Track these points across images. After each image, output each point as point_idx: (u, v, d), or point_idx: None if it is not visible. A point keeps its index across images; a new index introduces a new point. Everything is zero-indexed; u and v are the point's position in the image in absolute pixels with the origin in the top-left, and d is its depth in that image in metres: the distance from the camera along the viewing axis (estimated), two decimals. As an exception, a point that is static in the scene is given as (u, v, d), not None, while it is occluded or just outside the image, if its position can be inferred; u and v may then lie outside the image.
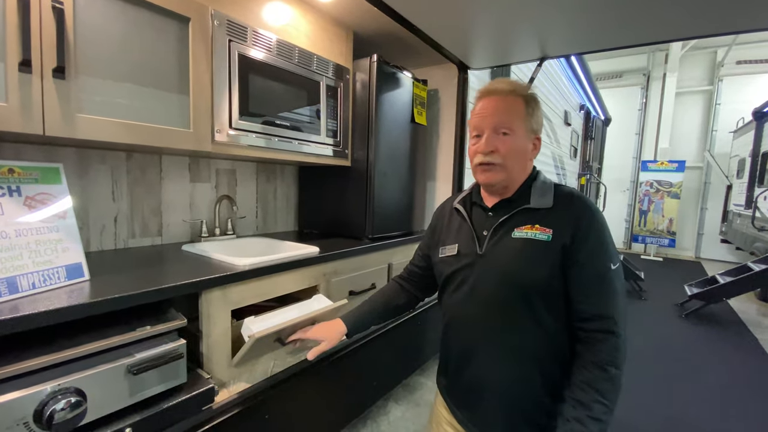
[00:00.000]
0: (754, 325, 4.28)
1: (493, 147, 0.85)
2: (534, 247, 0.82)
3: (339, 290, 1.68)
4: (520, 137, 0.85)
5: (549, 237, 0.81)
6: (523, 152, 0.87)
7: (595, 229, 0.81)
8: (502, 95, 0.87)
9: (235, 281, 1.23)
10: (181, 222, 1.73)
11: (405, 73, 2.11)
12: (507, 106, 0.86)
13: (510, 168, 0.86)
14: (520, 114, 0.85)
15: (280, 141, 1.59)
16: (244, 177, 2.00)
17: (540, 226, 0.83)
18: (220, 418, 1.10)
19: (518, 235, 0.84)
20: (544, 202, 0.85)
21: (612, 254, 0.81)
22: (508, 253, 0.84)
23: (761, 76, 8.00)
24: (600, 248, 0.80)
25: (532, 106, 0.87)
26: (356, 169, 1.98)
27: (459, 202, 1.00)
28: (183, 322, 1.05)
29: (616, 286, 0.80)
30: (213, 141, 1.36)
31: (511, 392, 0.86)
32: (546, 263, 0.80)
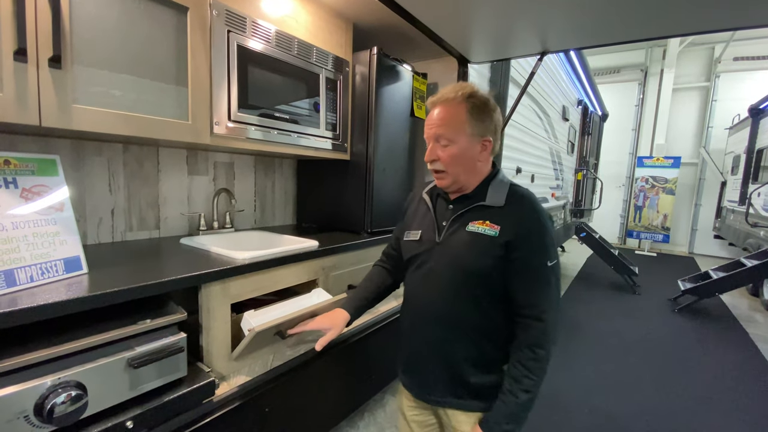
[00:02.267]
0: (745, 320, 4.34)
1: (435, 156, 0.95)
2: (482, 240, 0.92)
3: (338, 284, 1.68)
4: (462, 144, 0.92)
5: (496, 233, 0.91)
6: (468, 157, 0.94)
7: (536, 230, 0.91)
8: (445, 104, 0.93)
9: (235, 275, 1.23)
10: (178, 215, 1.71)
11: (405, 66, 2.09)
12: (448, 115, 0.92)
13: (454, 173, 0.95)
14: (461, 122, 0.91)
15: (279, 134, 1.58)
16: (242, 170, 1.98)
17: (490, 223, 0.92)
18: (221, 411, 1.10)
19: (471, 229, 0.94)
20: (497, 201, 0.94)
21: (550, 253, 0.91)
22: (460, 243, 0.95)
23: (758, 73, 8.03)
24: (539, 246, 0.90)
25: (478, 111, 0.92)
26: (355, 162, 1.97)
27: (427, 192, 1.09)
28: (183, 316, 1.05)
29: (549, 279, 0.90)
30: (212, 133, 1.35)
31: (446, 360, 0.98)
32: (490, 255, 0.90)
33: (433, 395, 1.02)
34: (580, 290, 5.07)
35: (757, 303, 5.04)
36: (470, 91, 0.93)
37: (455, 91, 0.93)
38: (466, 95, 0.92)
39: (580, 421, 2.24)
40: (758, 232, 5.36)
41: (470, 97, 0.92)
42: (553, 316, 0.89)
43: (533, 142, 3.88)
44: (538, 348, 0.89)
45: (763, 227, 5.26)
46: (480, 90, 0.95)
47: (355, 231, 2.01)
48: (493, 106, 0.94)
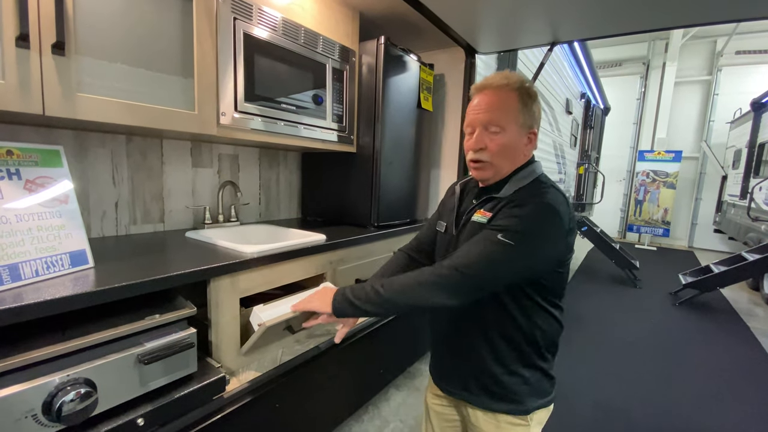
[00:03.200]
0: (745, 314, 4.36)
1: (483, 144, 0.87)
2: (475, 228, 0.88)
3: (345, 278, 1.66)
4: (511, 133, 0.86)
5: (486, 219, 0.87)
6: (515, 148, 0.88)
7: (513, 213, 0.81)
8: (495, 90, 0.87)
9: (244, 269, 1.21)
10: (183, 208, 1.68)
11: (412, 56, 2.05)
12: (499, 102, 0.86)
13: (499, 165, 0.88)
14: (513, 110, 0.85)
15: (285, 125, 1.54)
16: (246, 163, 1.95)
17: (484, 211, 0.88)
18: (232, 407, 1.08)
19: (473, 219, 0.91)
20: (506, 193, 0.88)
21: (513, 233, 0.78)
22: (465, 234, 0.92)
23: (760, 67, 7.98)
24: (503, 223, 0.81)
25: (527, 100, 0.86)
26: (361, 155, 1.94)
27: (460, 185, 1.05)
28: (193, 311, 1.03)
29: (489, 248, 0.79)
30: (218, 124, 1.31)
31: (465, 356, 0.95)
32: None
33: (454, 389, 1.00)
34: (581, 284, 5.08)
35: (757, 297, 5.06)
36: (521, 78, 0.88)
37: (506, 77, 0.87)
38: (518, 83, 0.86)
39: (582, 414, 2.25)
40: (759, 226, 5.36)
41: (521, 86, 0.86)
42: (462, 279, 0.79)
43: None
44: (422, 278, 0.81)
45: (764, 221, 5.26)
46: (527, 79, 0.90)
47: (361, 225, 1.99)
48: (538, 98, 0.89)
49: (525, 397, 0.91)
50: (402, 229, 2.08)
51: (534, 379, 0.91)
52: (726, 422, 2.26)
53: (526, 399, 0.91)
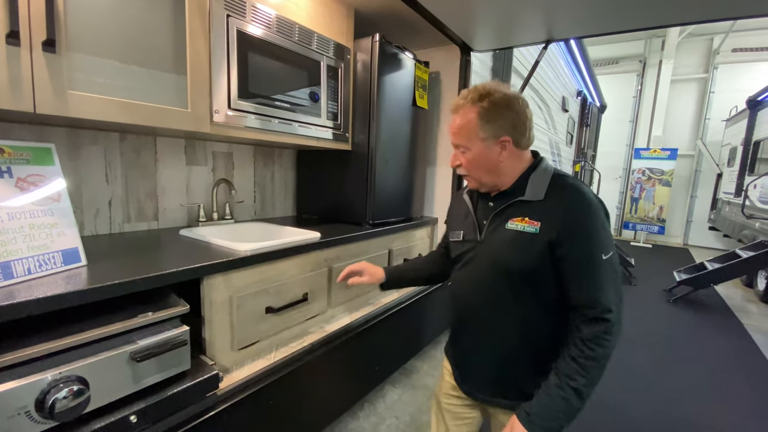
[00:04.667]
0: (739, 311, 4.39)
1: (458, 162, 0.96)
2: (522, 238, 0.88)
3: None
4: (477, 150, 0.92)
5: (537, 230, 0.87)
6: (487, 160, 0.92)
7: (581, 221, 0.84)
8: (458, 111, 0.93)
9: (237, 267, 1.21)
10: (177, 206, 1.68)
11: (407, 54, 2.05)
12: (461, 123, 0.92)
13: (478, 176, 0.95)
14: (473, 128, 0.90)
15: (279, 123, 1.54)
16: (241, 160, 1.94)
17: (529, 219, 0.89)
18: (225, 404, 1.09)
19: (510, 227, 0.91)
20: (537, 195, 0.90)
21: (603, 244, 0.84)
22: (501, 242, 0.92)
23: (756, 65, 8.01)
24: (587, 239, 0.83)
25: (489, 114, 0.89)
26: (357, 153, 1.94)
27: (467, 192, 1.08)
28: (185, 308, 1.03)
29: (606, 274, 0.83)
30: (212, 122, 1.31)
31: (494, 359, 0.97)
32: (532, 254, 0.86)
33: (480, 393, 1.02)
34: (577, 281, 5.09)
35: (751, 294, 5.10)
36: (480, 93, 0.90)
37: (466, 95, 0.92)
38: (475, 99, 0.90)
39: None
40: (753, 223, 5.40)
41: (480, 100, 0.89)
42: (616, 315, 0.82)
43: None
44: (597, 345, 0.81)
45: (758, 219, 5.30)
46: (498, 88, 0.91)
47: (356, 223, 1.99)
48: (509, 103, 0.90)
49: None
50: (398, 226, 2.08)
51: None
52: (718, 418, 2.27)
53: None
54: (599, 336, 0.81)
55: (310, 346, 1.42)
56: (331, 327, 1.58)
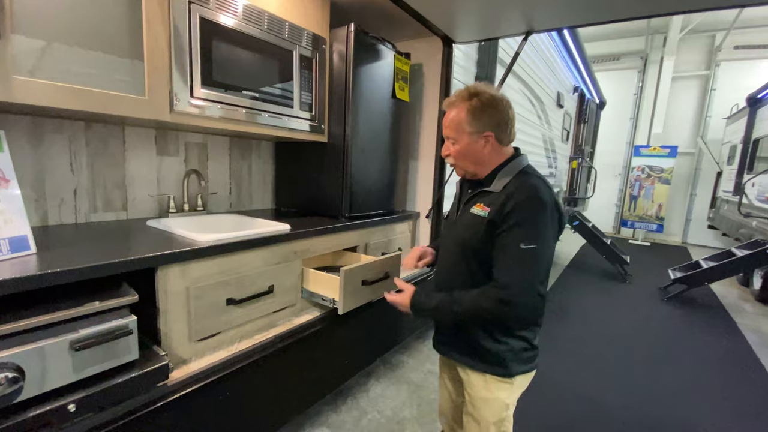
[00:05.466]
0: (733, 310, 4.35)
1: (447, 152, 1.11)
2: (474, 221, 1.05)
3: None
4: (464, 142, 1.06)
5: (486, 214, 1.02)
6: (472, 152, 1.07)
7: (515, 211, 0.97)
8: (450, 108, 1.07)
9: (196, 258, 1.19)
10: (147, 197, 1.67)
11: (386, 45, 2.02)
12: (451, 118, 1.06)
13: (463, 166, 1.11)
14: (462, 123, 1.04)
15: (248, 113, 1.52)
16: (216, 152, 1.92)
17: (483, 205, 1.05)
18: (175, 395, 1.07)
19: (472, 211, 1.08)
20: (497, 187, 1.05)
21: (528, 235, 0.96)
22: (463, 221, 1.11)
23: (758, 62, 7.90)
24: (514, 227, 0.97)
25: (476, 112, 1.03)
26: (333, 145, 1.92)
27: (459, 181, 1.26)
28: (134, 298, 1.01)
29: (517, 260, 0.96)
30: (172, 110, 1.29)
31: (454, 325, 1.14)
32: (479, 233, 1.03)
33: (448, 352, 1.20)
34: (570, 278, 5.07)
35: (746, 293, 5.05)
36: (471, 92, 1.04)
37: (458, 94, 1.06)
38: (465, 97, 1.04)
39: (566, 407, 2.24)
40: (750, 222, 5.34)
41: (470, 99, 1.03)
42: (523, 299, 0.95)
43: (524, 128, 3.81)
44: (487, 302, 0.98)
45: (755, 217, 5.24)
46: (486, 90, 1.04)
47: (333, 215, 1.97)
48: (493, 103, 1.03)
49: (509, 362, 1.07)
50: (376, 220, 2.06)
51: (518, 347, 1.07)
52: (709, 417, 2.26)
53: (510, 364, 1.07)
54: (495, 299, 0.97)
55: (273, 338, 1.40)
56: (300, 319, 1.56)
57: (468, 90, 1.05)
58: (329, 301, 1.52)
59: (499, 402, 1.09)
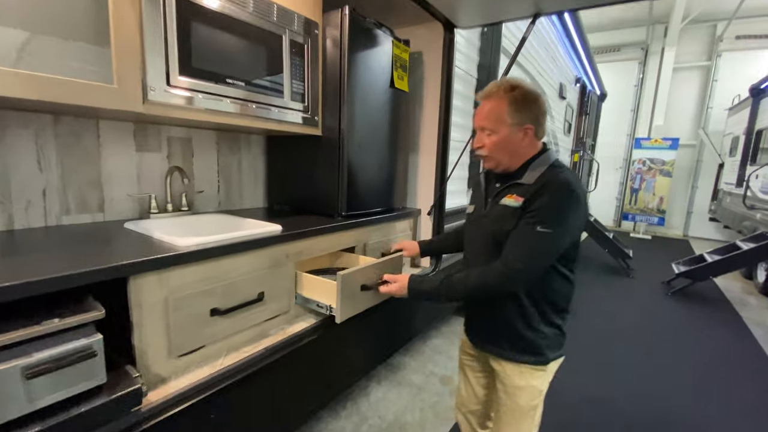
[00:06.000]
0: (738, 304, 4.29)
1: (481, 144, 1.10)
2: (506, 211, 1.06)
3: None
4: (502, 134, 1.05)
5: (519, 204, 1.03)
6: (510, 143, 1.06)
7: (543, 199, 0.98)
8: (487, 98, 1.07)
9: (175, 264, 1.07)
10: (126, 196, 1.53)
11: (383, 30, 1.88)
12: (490, 108, 1.06)
13: (497, 158, 1.09)
14: (502, 114, 1.04)
15: (233, 103, 1.38)
16: (202, 147, 1.79)
17: (516, 196, 1.05)
18: (151, 421, 0.95)
19: (503, 202, 1.08)
20: (529, 180, 1.05)
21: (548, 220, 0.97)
22: (495, 213, 1.10)
23: (760, 52, 7.77)
24: (536, 213, 0.98)
25: (518, 103, 1.03)
26: (327, 138, 1.79)
27: (483, 174, 1.25)
28: (99, 314, 0.89)
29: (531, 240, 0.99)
30: (146, 100, 1.15)
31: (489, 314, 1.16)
32: (511, 223, 1.04)
33: (483, 344, 1.21)
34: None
35: (750, 286, 4.98)
36: (512, 84, 1.04)
37: (498, 85, 1.05)
38: (507, 89, 1.03)
39: (568, 404, 2.17)
40: (755, 214, 5.25)
41: (512, 90, 1.03)
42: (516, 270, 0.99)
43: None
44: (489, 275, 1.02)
45: (760, 209, 5.15)
46: (524, 83, 1.05)
47: (328, 214, 1.84)
48: (534, 97, 1.04)
49: (544, 350, 1.10)
50: (375, 218, 1.94)
51: (552, 334, 1.11)
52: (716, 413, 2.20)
53: (546, 351, 1.10)
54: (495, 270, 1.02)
55: (264, 350, 1.28)
56: (294, 328, 1.44)
57: (509, 81, 1.05)
58: (325, 308, 1.40)
59: (534, 390, 1.13)
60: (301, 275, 1.48)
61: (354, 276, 1.33)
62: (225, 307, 1.19)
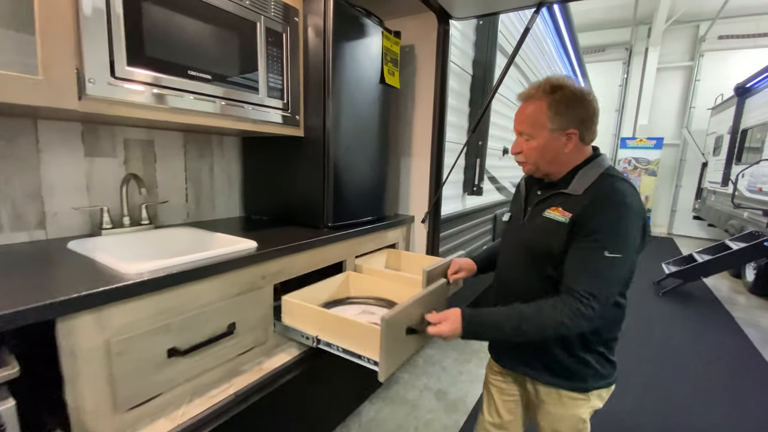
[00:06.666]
0: (728, 303, 4.30)
1: (519, 149, 1.02)
2: (550, 225, 0.96)
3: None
4: (542, 139, 0.96)
5: (566, 220, 0.93)
6: (549, 150, 0.97)
7: (600, 217, 0.89)
8: (527, 101, 0.98)
9: (118, 299, 0.86)
10: (72, 210, 1.30)
11: (372, 19, 1.69)
12: (529, 112, 0.97)
13: (537, 164, 1.00)
14: (542, 118, 0.95)
15: (196, 99, 1.17)
16: (166, 150, 1.56)
17: (563, 210, 0.95)
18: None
19: (546, 215, 0.98)
20: (577, 190, 0.95)
21: (613, 244, 0.87)
22: (535, 225, 1.01)
23: (741, 52, 7.91)
24: (598, 234, 0.88)
25: (559, 106, 0.93)
26: (311, 140, 1.59)
27: (524, 179, 1.16)
28: (11, 372, 0.68)
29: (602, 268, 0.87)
30: (83, 95, 0.94)
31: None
32: (556, 239, 0.94)
33: (516, 366, 1.10)
34: (565, 277, 4.92)
35: (738, 285, 5.01)
36: (553, 85, 0.94)
37: (538, 86, 0.96)
38: (547, 90, 0.94)
39: None
40: (742, 213, 5.27)
41: (552, 92, 0.93)
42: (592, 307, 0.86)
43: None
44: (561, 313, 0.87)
45: (746, 208, 5.18)
46: (570, 82, 0.95)
47: (313, 225, 1.65)
48: (579, 98, 0.94)
49: (586, 378, 1.00)
50: (366, 228, 1.75)
51: (594, 362, 1.00)
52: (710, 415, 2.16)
53: (587, 379, 1.00)
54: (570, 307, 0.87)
55: (235, 395, 1.07)
56: (273, 362, 1.24)
57: (550, 81, 0.95)
58: (311, 339, 1.20)
59: (575, 418, 1.04)
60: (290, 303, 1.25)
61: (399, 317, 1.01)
62: (186, 346, 0.99)
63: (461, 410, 2.32)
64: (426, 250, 2.10)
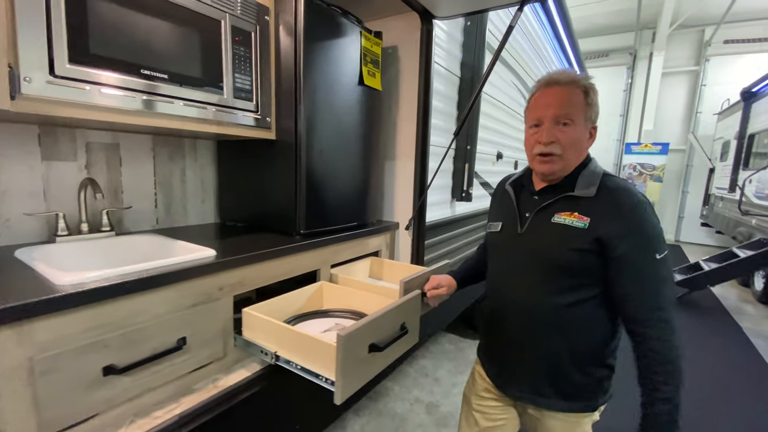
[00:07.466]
0: (736, 312, 4.16)
1: (554, 138, 0.89)
2: (570, 233, 0.88)
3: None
4: (579, 127, 0.89)
5: (585, 225, 0.87)
6: (581, 142, 0.91)
7: (637, 222, 0.84)
8: (563, 86, 0.89)
9: (44, 312, 0.79)
10: (24, 216, 1.25)
11: (349, 18, 1.63)
12: (568, 97, 0.88)
13: (567, 158, 0.91)
14: (580, 105, 0.88)
15: (149, 101, 1.11)
16: (133, 154, 1.51)
17: (579, 214, 0.88)
18: None
19: (557, 221, 0.91)
20: (588, 192, 0.89)
21: (658, 244, 0.84)
22: (545, 235, 0.93)
23: (747, 57, 7.77)
24: (642, 240, 0.83)
25: (591, 96, 0.89)
26: (282, 143, 1.52)
27: (510, 184, 1.07)
28: None
29: (662, 275, 0.84)
30: (18, 93, 0.88)
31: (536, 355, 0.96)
32: (578, 248, 0.86)
33: (517, 390, 1.02)
34: (566, 285, 4.80)
35: (747, 294, 4.85)
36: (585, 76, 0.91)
37: (572, 75, 0.90)
38: (583, 78, 0.90)
39: None
40: (750, 220, 5.11)
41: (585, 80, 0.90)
42: (673, 315, 0.83)
43: (517, 124, 3.47)
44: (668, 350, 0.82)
45: (755, 215, 5.02)
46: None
47: (286, 232, 1.57)
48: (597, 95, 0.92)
49: (595, 395, 0.96)
50: (344, 235, 1.67)
51: (602, 376, 0.95)
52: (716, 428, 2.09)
53: (595, 396, 0.96)
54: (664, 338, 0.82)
55: (183, 414, 0.99)
56: (231, 379, 1.16)
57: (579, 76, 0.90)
58: (270, 355, 1.11)
59: None
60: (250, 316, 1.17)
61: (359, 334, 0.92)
62: (124, 364, 0.91)
63: (452, 425, 2.22)
64: (411, 258, 2.02)
